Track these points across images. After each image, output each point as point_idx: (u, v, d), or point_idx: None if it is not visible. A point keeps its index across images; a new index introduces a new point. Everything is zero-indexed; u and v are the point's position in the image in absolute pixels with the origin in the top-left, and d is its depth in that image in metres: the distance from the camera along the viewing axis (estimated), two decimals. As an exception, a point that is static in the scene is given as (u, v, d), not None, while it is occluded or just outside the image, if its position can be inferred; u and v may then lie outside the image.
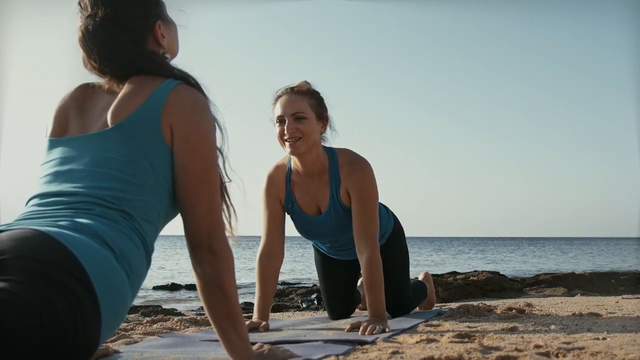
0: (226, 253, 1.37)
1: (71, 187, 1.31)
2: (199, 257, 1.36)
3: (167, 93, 1.36)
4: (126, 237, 1.26)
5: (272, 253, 2.52)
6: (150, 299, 8.41)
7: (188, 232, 1.37)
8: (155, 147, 1.34)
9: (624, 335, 1.93)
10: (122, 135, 1.33)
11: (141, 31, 1.45)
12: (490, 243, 63.42)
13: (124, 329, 2.51)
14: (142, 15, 1.46)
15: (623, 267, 14.69)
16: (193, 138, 1.35)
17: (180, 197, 1.37)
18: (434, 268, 15.61)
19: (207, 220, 1.36)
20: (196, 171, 1.36)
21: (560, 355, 1.51)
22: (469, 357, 1.49)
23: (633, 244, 47.93)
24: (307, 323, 2.79)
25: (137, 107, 1.35)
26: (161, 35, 1.49)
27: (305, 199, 2.50)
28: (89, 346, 1.13)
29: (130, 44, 1.42)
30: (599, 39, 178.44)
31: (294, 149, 2.32)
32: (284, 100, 2.34)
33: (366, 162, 2.43)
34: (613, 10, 52.86)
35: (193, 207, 1.35)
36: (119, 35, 1.41)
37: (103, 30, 1.40)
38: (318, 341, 1.95)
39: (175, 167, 1.36)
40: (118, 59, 1.41)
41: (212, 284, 1.35)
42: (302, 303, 5.65)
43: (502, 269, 14.53)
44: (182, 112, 1.36)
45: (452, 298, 4.78)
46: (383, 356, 1.57)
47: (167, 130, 1.35)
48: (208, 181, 1.37)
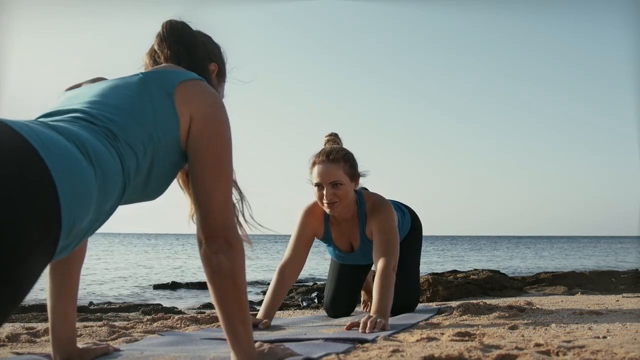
0: (241, 246, 1.38)
1: (67, 107, 1.32)
2: (214, 247, 1.35)
3: (189, 77, 1.43)
4: (102, 145, 1.20)
5: (294, 269, 2.76)
6: (150, 298, 8.42)
7: (204, 223, 1.36)
8: (163, 106, 1.36)
9: (624, 333, 1.93)
10: (135, 80, 1.38)
11: (203, 59, 1.60)
12: (491, 241, 63.41)
13: (124, 328, 2.51)
14: (206, 53, 1.64)
15: (623, 266, 14.69)
16: (211, 130, 1.38)
17: (197, 188, 1.38)
18: (434, 266, 15.62)
19: (223, 212, 1.37)
20: (213, 164, 1.37)
21: (560, 354, 1.51)
22: (469, 355, 1.49)
23: (633, 243, 47.92)
24: (308, 321, 2.79)
25: (158, 69, 1.44)
26: (214, 76, 1.64)
27: (340, 238, 2.84)
28: (47, 219, 0.96)
29: (195, 53, 1.58)
30: (600, 38, 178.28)
31: (332, 211, 2.64)
32: (321, 169, 2.60)
33: (388, 207, 2.69)
34: (614, 9, 52.61)
35: (210, 198, 1.36)
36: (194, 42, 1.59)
37: (184, 32, 1.58)
38: (319, 339, 1.96)
39: (191, 159, 1.38)
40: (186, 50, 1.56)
41: (227, 275, 1.35)
42: (302, 301, 5.66)
43: (503, 267, 14.54)
44: (200, 101, 1.39)
45: (453, 296, 4.78)
46: (383, 354, 1.57)
47: (183, 109, 1.37)
48: (224, 174, 1.39)
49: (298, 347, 1.72)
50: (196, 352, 1.74)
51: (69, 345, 1.60)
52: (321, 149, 2.68)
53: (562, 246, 44.14)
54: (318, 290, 6.22)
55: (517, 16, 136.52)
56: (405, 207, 3.08)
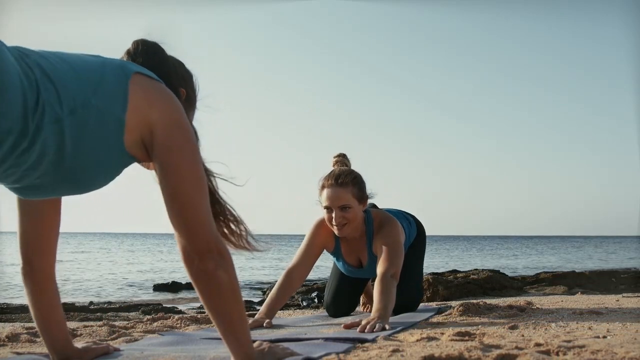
0: (230, 254, 1.36)
1: None
2: (212, 263, 1.29)
3: (151, 75, 1.39)
4: (15, 61, 1.14)
5: (301, 274, 2.82)
6: (150, 298, 8.42)
7: (195, 238, 1.30)
8: (114, 80, 1.29)
9: (624, 333, 1.93)
10: (95, 56, 1.35)
11: (172, 79, 1.53)
12: (491, 241, 63.42)
13: (124, 327, 2.51)
14: (176, 76, 1.56)
15: (623, 266, 14.69)
16: (182, 139, 1.33)
17: (180, 202, 1.31)
18: (434, 266, 15.61)
19: (211, 223, 1.33)
20: (192, 174, 1.32)
21: (560, 354, 1.51)
22: (469, 355, 1.49)
23: (633, 243, 47.92)
24: (308, 321, 2.79)
25: (120, 59, 1.42)
26: (182, 100, 1.54)
27: (349, 254, 2.91)
28: None
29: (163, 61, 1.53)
30: (600, 38, 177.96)
31: (341, 232, 2.72)
32: (330, 193, 2.67)
33: (393, 224, 2.76)
34: (614, 9, 52.69)
35: (198, 211, 1.31)
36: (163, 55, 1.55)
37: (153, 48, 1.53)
38: (319, 339, 1.96)
39: (166, 171, 1.32)
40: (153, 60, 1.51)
41: (228, 288, 1.32)
42: (302, 301, 5.66)
43: (503, 267, 14.54)
44: (164, 106, 1.34)
45: (453, 296, 4.78)
46: (383, 354, 1.57)
47: (141, 105, 1.31)
48: (203, 183, 1.34)
49: (298, 347, 1.72)
50: (196, 351, 1.74)
51: (66, 346, 1.60)
52: (330, 172, 2.73)
53: (562, 246, 44.13)
54: (318, 290, 6.22)
55: (517, 16, 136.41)
56: (410, 216, 3.15)
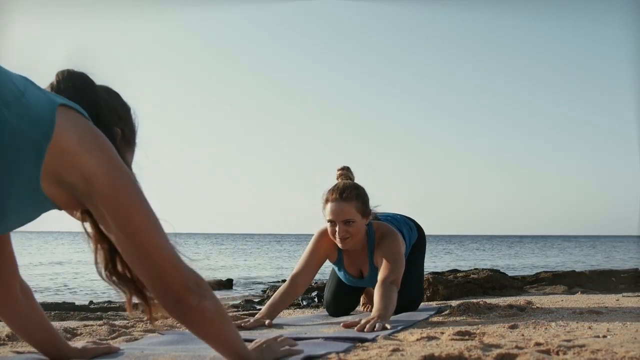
0: (202, 277, 1.28)
1: None
2: (195, 298, 1.23)
3: (83, 112, 1.25)
4: None
5: (305, 280, 2.83)
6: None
7: (173, 281, 1.23)
8: (37, 102, 1.16)
9: (624, 332, 1.93)
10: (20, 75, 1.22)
11: (105, 120, 1.34)
12: (491, 241, 63.42)
13: (124, 327, 2.51)
14: (110, 115, 1.37)
15: (623, 265, 14.69)
16: (124, 185, 1.21)
17: (144, 250, 1.21)
18: (434, 266, 15.61)
19: (179, 260, 1.25)
20: (146, 219, 1.22)
21: (560, 353, 1.51)
22: (469, 354, 1.49)
23: (633, 242, 47.93)
24: (308, 320, 2.79)
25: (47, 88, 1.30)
26: (117, 142, 1.35)
27: (351, 265, 2.94)
28: None
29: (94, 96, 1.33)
30: (600, 38, 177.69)
31: (344, 245, 2.74)
32: (334, 207, 2.69)
33: (394, 236, 2.78)
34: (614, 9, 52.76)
35: (165, 255, 1.23)
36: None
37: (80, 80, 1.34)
38: (319, 338, 1.96)
39: (117, 223, 1.20)
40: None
41: (216, 315, 1.28)
42: (302, 301, 5.66)
43: (503, 266, 14.54)
44: (99, 153, 1.19)
45: (453, 296, 4.78)
46: (383, 353, 1.57)
47: (72, 147, 1.16)
48: (157, 221, 1.24)
49: (298, 347, 1.72)
50: (196, 351, 1.74)
51: (57, 347, 1.58)
52: (334, 186, 2.75)
53: (562, 245, 44.14)
54: (318, 290, 6.22)
55: (517, 16, 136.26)
56: (410, 220, 3.18)
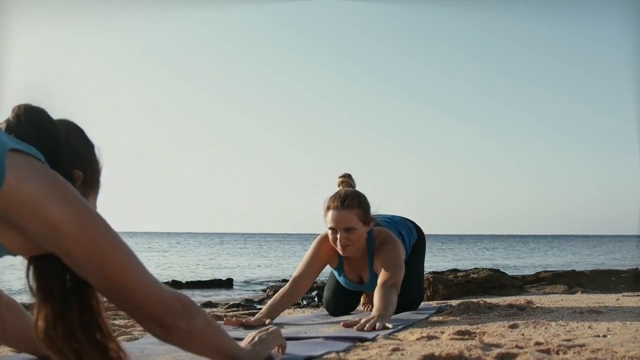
0: (189, 299, 1.26)
1: None
2: (183, 322, 1.21)
3: (39, 156, 1.16)
4: None
5: (306, 283, 2.84)
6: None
7: (156, 312, 1.19)
8: None
9: (624, 332, 1.93)
10: None
11: (65, 161, 1.24)
12: (491, 240, 63.43)
13: (124, 326, 2.51)
14: (70, 156, 1.26)
15: (623, 265, 14.69)
16: (95, 236, 1.14)
17: (124, 291, 1.18)
18: (434, 265, 15.62)
19: (159, 286, 1.21)
20: (122, 261, 1.17)
21: (560, 353, 1.51)
22: (469, 354, 1.49)
23: (633, 242, 47.92)
24: (308, 320, 2.80)
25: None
26: (78, 185, 1.27)
27: (351, 271, 2.96)
28: None
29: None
30: (600, 38, 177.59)
31: (345, 252, 2.77)
32: (336, 215, 2.70)
33: (393, 242, 2.80)
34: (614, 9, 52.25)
35: (145, 290, 1.18)
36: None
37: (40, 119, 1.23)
38: (318, 338, 1.96)
39: (91, 273, 1.15)
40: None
41: (207, 329, 1.27)
42: (302, 300, 5.66)
43: (503, 266, 14.55)
44: (61, 203, 1.11)
45: (453, 295, 4.78)
46: (384, 353, 1.57)
47: (28, 198, 1.09)
48: (131, 256, 1.19)
49: (298, 346, 1.72)
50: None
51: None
52: (336, 193, 2.75)
53: (562, 245, 44.13)
54: (318, 289, 6.22)
55: (517, 16, 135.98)
56: (411, 222, 3.20)
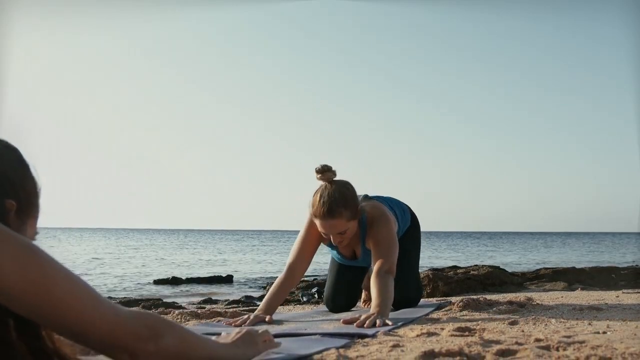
0: (151, 314, 1.18)
1: None
2: (151, 344, 1.12)
3: None
4: None
5: (301, 268, 2.82)
6: (151, 293, 8.43)
7: (123, 340, 1.10)
8: None
9: (624, 329, 1.93)
10: None
11: None
12: (491, 237, 63.47)
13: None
14: (4, 184, 1.14)
15: (623, 262, 14.70)
16: (41, 276, 1.03)
17: (79, 327, 1.07)
18: (434, 262, 15.63)
19: (119, 312, 1.11)
20: (71, 300, 1.06)
21: (560, 349, 1.51)
22: (469, 350, 1.49)
23: (633, 239, 47.95)
24: (308, 316, 2.80)
25: None
26: (11, 215, 1.14)
27: (344, 248, 2.96)
28: None
29: None
30: (600, 38, 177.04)
31: (341, 247, 2.81)
32: (324, 225, 2.65)
33: (385, 218, 2.77)
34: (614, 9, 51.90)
35: (104, 322, 1.09)
36: None
37: None
38: (318, 334, 1.95)
39: (43, 315, 1.05)
40: None
41: (183, 341, 1.18)
42: (302, 296, 5.67)
43: (503, 263, 14.56)
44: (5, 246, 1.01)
45: (453, 292, 4.79)
46: (383, 349, 1.57)
47: None
48: (85, 288, 1.08)
49: (297, 342, 1.72)
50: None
51: None
52: (320, 200, 2.64)
53: (562, 242, 44.16)
54: (318, 286, 6.23)
55: (517, 16, 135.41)
56: (405, 205, 3.16)
